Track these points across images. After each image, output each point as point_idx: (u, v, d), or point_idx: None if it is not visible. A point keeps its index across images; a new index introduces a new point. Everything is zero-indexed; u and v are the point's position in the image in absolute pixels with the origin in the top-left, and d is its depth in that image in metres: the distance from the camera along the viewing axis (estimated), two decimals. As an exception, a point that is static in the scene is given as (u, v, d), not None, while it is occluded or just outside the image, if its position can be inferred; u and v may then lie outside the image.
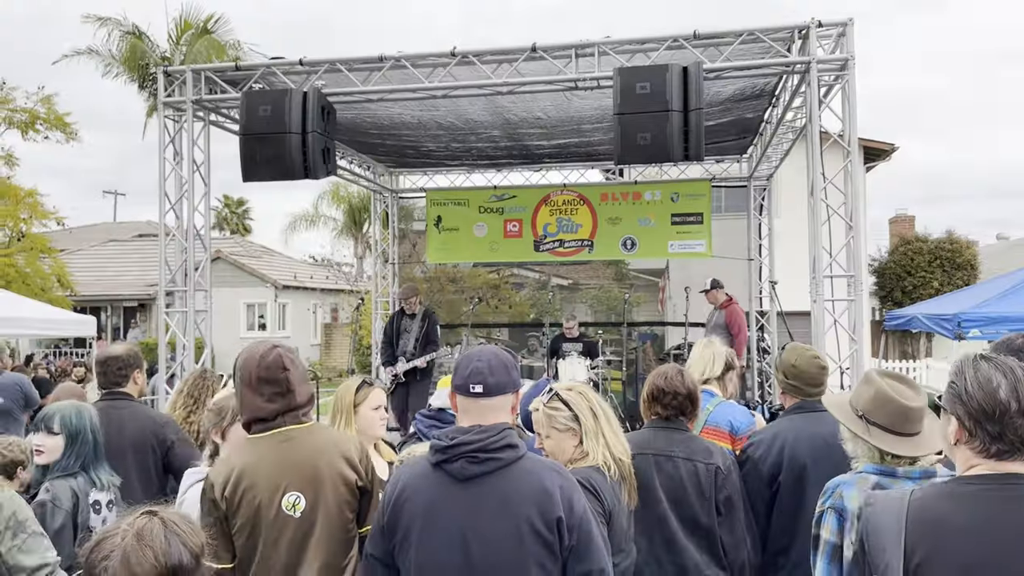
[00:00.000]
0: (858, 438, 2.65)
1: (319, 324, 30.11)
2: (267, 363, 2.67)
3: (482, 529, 2.27)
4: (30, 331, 13.49)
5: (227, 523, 2.61)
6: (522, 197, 12.09)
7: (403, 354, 9.67)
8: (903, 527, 1.84)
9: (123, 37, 21.82)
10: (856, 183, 7.12)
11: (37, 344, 23.52)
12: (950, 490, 1.88)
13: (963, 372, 1.90)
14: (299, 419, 2.71)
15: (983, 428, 1.83)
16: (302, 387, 2.73)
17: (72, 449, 3.46)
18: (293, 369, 2.71)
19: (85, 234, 32.47)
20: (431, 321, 9.93)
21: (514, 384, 2.47)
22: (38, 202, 19.57)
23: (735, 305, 10.33)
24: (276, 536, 2.58)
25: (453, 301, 19.63)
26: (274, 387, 2.66)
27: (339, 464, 2.66)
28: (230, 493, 2.59)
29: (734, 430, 3.86)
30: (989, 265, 23.88)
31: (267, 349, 2.72)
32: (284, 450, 2.64)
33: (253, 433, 2.70)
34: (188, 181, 8.05)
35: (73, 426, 3.48)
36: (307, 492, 2.61)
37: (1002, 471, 1.83)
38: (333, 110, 7.55)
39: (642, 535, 3.17)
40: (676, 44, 7.00)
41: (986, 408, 1.83)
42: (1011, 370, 1.85)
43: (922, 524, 1.83)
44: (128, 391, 4.19)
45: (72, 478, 3.43)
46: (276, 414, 2.67)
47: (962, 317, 9.10)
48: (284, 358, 2.70)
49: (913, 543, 1.81)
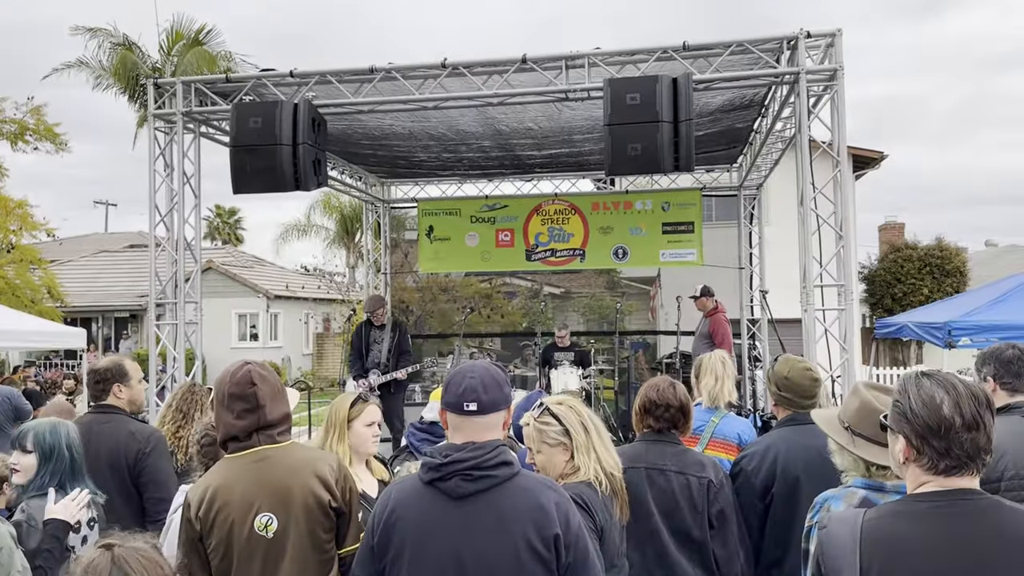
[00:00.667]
0: (844, 450, 2.66)
1: (311, 334, 30.02)
2: (236, 379, 2.69)
3: (478, 548, 2.24)
4: (20, 343, 13.42)
5: (203, 542, 2.61)
6: (514, 207, 12.10)
7: (376, 366, 9.48)
8: (857, 546, 1.85)
9: (114, 48, 21.79)
10: (846, 192, 7.14)
11: (28, 356, 23.40)
12: (902, 508, 1.90)
13: (907, 391, 1.92)
14: (274, 439, 2.70)
15: (930, 445, 1.85)
16: (275, 404, 2.72)
17: (47, 467, 3.36)
18: (262, 384, 2.70)
19: (76, 245, 32.38)
20: (401, 331, 9.78)
21: (506, 400, 2.45)
22: (28, 213, 19.52)
23: (720, 315, 10.34)
24: (249, 556, 2.57)
25: (445, 310, 19.64)
26: (243, 403, 2.66)
27: (312, 484, 2.63)
28: (204, 513, 2.60)
29: (742, 442, 3.87)
30: (978, 272, 24.00)
31: (238, 366, 2.73)
32: (257, 470, 2.63)
33: (229, 452, 2.70)
34: (178, 193, 8.03)
35: (47, 444, 3.38)
36: (279, 513, 2.59)
37: (952, 487, 1.85)
38: (324, 121, 7.54)
39: (634, 549, 3.17)
40: (666, 55, 7.03)
41: (931, 425, 1.84)
42: (953, 386, 1.87)
43: (876, 543, 1.84)
44: (113, 404, 4.09)
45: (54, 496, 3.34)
46: (248, 431, 2.67)
47: (952, 325, 9.12)
48: (253, 373, 2.70)
49: (868, 562, 1.83)
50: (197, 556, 2.63)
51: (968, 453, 1.83)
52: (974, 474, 1.86)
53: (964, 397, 1.85)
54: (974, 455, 1.84)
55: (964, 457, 1.84)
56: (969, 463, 1.84)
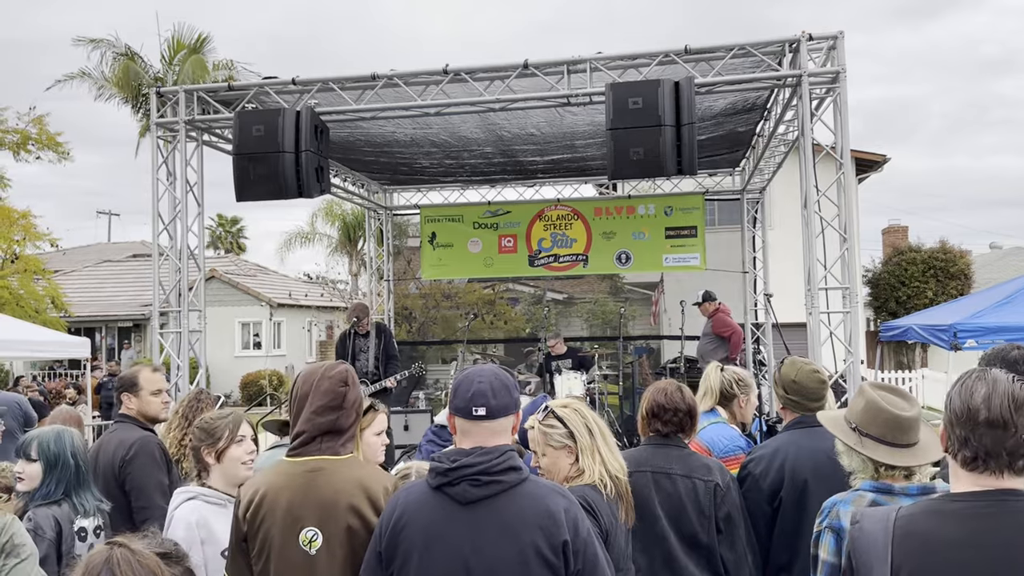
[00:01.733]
0: (852, 450, 2.64)
1: (314, 342, 30.00)
2: (331, 374, 2.64)
3: (486, 554, 2.22)
4: (24, 353, 13.43)
5: (246, 544, 2.56)
6: (516, 212, 12.10)
7: (365, 375, 9.30)
8: (889, 543, 1.84)
9: (116, 59, 21.87)
10: (849, 195, 7.13)
11: (32, 366, 23.41)
12: (937, 507, 1.89)
13: (956, 381, 1.92)
14: (336, 450, 2.61)
15: (954, 432, 1.85)
16: (351, 412, 2.66)
17: (52, 475, 3.36)
18: (352, 388, 2.65)
19: (79, 255, 32.40)
20: (386, 336, 9.66)
21: (515, 404, 2.42)
22: (31, 223, 19.56)
23: (720, 313, 10.46)
24: (289, 570, 2.49)
25: (448, 317, 19.63)
26: (329, 399, 2.60)
27: (363, 506, 2.52)
28: (250, 515, 2.54)
29: (711, 448, 3.82)
30: (983, 274, 23.99)
31: (334, 364, 2.71)
32: (309, 480, 2.54)
33: (289, 455, 2.63)
34: (181, 201, 8.04)
35: (51, 452, 3.37)
36: (325, 530, 2.50)
37: (990, 487, 1.82)
38: (326, 129, 7.55)
39: (642, 553, 3.15)
40: (667, 59, 7.03)
41: (958, 412, 1.84)
42: (996, 382, 1.85)
43: (909, 540, 1.83)
44: (124, 413, 4.12)
45: (56, 505, 3.34)
46: (318, 432, 2.59)
47: (958, 328, 9.10)
48: (349, 375, 2.66)
49: (900, 559, 1.81)
50: (242, 556, 2.57)
51: (987, 448, 1.81)
52: (1009, 475, 1.82)
53: (1000, 395, 1.82)
54: (995, 452, 1.81)
55: (982, 452, 1.81)
56: (990, 460, 1.81)
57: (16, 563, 2.89)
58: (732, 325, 10.43)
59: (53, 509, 3.33)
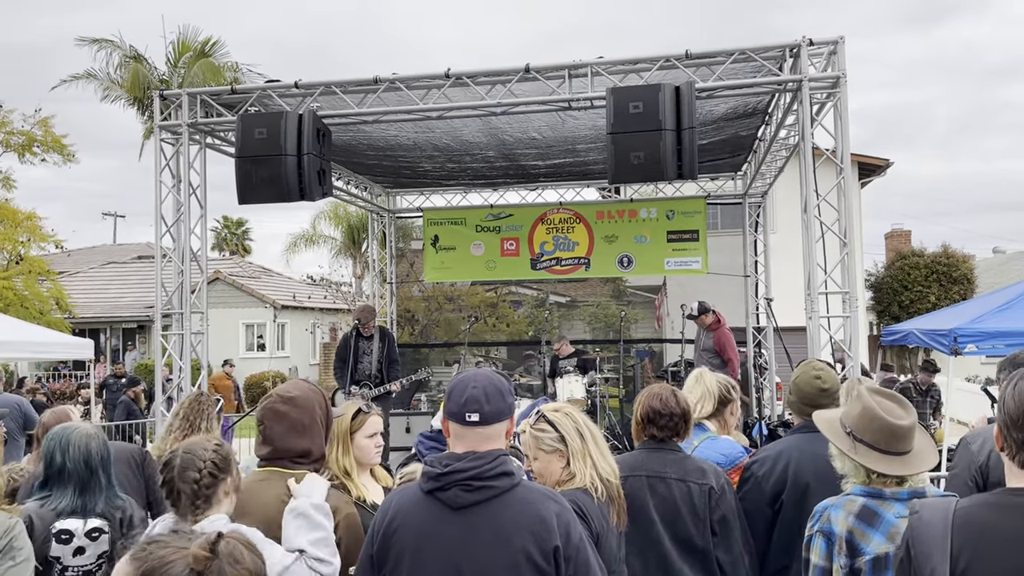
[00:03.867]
0: (845, 455, 2.65)
1: (318, 344, 30.04)
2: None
3: (477, 559, 2.22)
4: (29, 354, 13.47)
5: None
6: (518, 216, 12.12)
7: (367, 377, 9.27)
8: (949, 533, 1.86)
9: (123, 61, 21.92)
10: (850, 200, 7.14)
11: (36, 367, 23.48)
12: (996, 500, 1.91)
13: (1008, 382, 1.94)
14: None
15: (1011, 435, 1.88)
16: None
17: (53, 474, 3.34)
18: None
19: (84, 256, 32.50)
20: (389, 340, 9.63)
21: (509, 410, 2.41)
22: (37, 225, 19.64)
23: (723, 328, 10.17)
24: None
25: (451, 320, 19.66)
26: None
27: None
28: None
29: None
30: (986, 279, 23.95)
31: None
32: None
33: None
34: (184, 204, 8.08)
35: (46, 449, 3.36)
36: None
37: None
38: (329, 132, 7.58)
39: (637, 557, 3.16)
40: (668, 64, 7.05)
41: (1014, 416, 1.87)
42: None
43: (968, 530, 1.86)
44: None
45: (40, 504, 3.27)
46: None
47: (958, 332, 9.07)
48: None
49: (959, 549, 1.84)
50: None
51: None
52: None
53: None
54: None
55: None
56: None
57: (11, 566, 2.90)
58: (734, 350, 10.08)
59: (32, 506, 3.26)
